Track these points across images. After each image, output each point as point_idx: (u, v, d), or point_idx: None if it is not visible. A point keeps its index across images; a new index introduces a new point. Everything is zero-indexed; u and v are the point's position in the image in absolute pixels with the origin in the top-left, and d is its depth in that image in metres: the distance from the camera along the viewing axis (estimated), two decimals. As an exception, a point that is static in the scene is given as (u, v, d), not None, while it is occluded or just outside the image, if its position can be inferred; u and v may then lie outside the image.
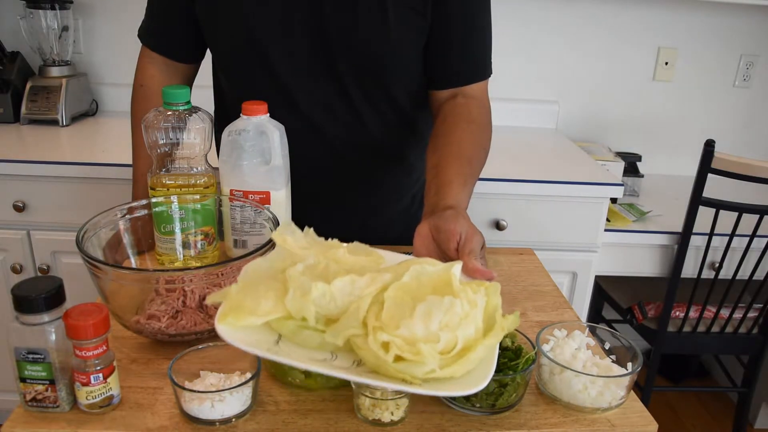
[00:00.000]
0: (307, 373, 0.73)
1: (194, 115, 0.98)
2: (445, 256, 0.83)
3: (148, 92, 1.17)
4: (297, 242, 0.72)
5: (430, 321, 0.62)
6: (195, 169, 1.00)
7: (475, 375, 0.62)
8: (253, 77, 1.09)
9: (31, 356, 0.67)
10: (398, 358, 0.61)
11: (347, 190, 1.19)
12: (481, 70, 1.12)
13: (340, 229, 1.21)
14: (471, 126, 1.06)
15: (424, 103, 1.17)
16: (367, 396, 0.70)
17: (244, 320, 0.63)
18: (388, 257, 0.75)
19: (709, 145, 1.69)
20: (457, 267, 0.68)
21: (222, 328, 0.62)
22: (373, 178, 1.19)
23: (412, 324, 0.61)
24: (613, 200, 1.97)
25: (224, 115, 1.17)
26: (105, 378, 0.69)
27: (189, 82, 1.24)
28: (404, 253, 0.83)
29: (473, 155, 1.03)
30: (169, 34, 1.17)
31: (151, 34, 1.18)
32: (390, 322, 0.62)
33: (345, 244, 0.74)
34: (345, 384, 0.75)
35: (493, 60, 1.13)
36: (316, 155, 1.13)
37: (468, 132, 1.05)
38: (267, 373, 0.78)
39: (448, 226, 0.83)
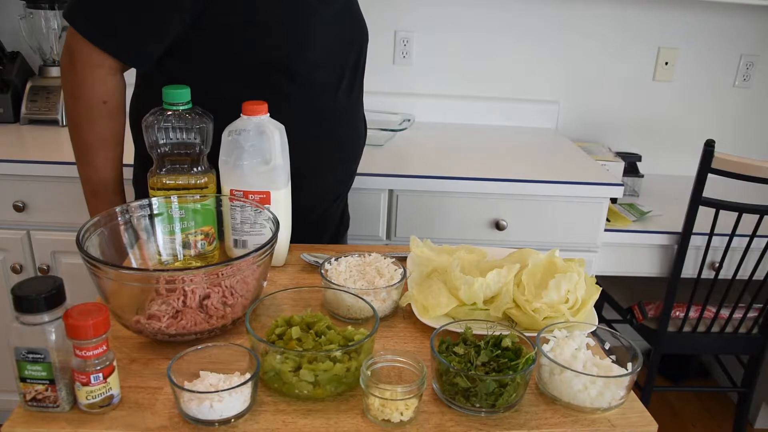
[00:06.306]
0: (316, 383, 0.73)
1: (195, 115, 0.98)
2: None
3: (113, 109, 1.07)
4: (428, 251, 1.00)
5: (560, 289, 0.89)
6: (195, 169, 1.00)
7: (590, 317, 0.91)
8: (270, 81, 1.07)
9: (31, 356, 0.67)
10: (545, 318, 0.88)
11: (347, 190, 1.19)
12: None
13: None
14: None
15: None
16: (376, 396, 0.70)
17: (436, 313, 0.89)
18: (488, 252, 1.04)
19: (709, 145, 1.69)
20: (557, 252, 0.96)
21: (426, 321, 0.88)
22: None
23: (549, 293, 0.89)
24: (613, 200, 1.97)
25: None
26: (105, 378, 0.69)
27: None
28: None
29: None
30: (156, 48, 1.05)
31: (132, 47, 1.03)
32: (532, 295, 0.90)
33: (460, 247, 1.02)
34: (350, 389, 0.76)
35: (492, 60, 1.13)
36: (323, 156, 1.13)
37: None
38: (272, 387, 0.76)
39: None
